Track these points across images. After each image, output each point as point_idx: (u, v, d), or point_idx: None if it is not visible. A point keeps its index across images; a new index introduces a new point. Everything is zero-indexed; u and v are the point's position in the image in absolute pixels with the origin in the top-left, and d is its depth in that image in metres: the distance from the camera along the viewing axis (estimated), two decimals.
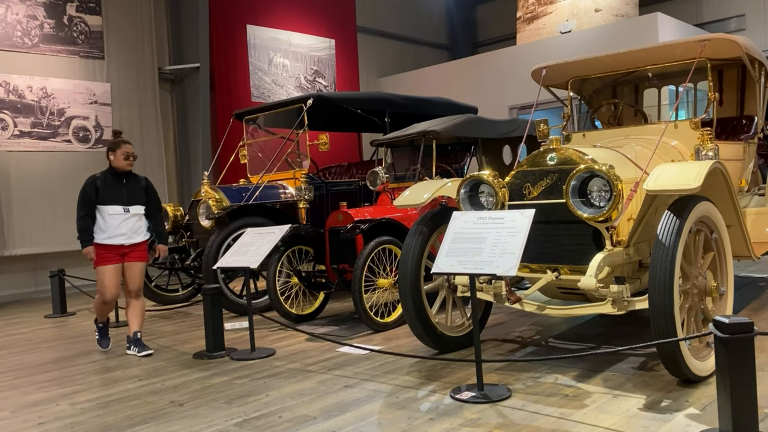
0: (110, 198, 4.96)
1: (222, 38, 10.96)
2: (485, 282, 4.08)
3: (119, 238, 4.97)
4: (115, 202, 4.97)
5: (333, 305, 6.66)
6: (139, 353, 5.00)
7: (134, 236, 5.05)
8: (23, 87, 9.19)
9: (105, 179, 5.01)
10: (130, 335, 5.10)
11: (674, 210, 3.40)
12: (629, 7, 11.76)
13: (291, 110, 7.14)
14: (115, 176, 5.05)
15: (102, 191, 4.95)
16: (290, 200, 6.85)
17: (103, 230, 4.94)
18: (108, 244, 4.95)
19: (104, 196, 4.95)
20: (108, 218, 4.93)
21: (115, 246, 4.97)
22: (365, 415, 3.32)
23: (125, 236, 5.00)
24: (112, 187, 4.99)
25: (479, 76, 12.33)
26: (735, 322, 2.58)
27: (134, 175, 5.16)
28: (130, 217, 5.02)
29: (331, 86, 12.73)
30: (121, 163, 5.02)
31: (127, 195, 5.04)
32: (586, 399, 3.35)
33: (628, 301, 3.61)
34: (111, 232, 4.94)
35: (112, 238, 4.95)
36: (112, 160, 5.04)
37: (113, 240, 4.96)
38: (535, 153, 4.02)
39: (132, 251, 5.05)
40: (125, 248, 5.02)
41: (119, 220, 4.96)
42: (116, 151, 5.02)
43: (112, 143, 5.06)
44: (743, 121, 5.46)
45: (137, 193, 5.10)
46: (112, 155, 5.03)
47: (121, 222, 4.96)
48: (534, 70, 5.34)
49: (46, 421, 3.59)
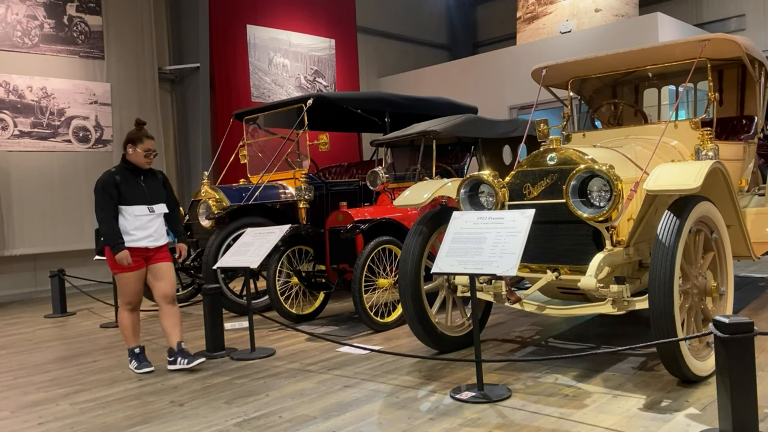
0: (133, 197, 4.40)
1: (222, 38, 10.96)
2: (485, 282, 4.08)
3: (145, 241, 4.42)
4: (139, 201, 4.42)
5: (333, 305, 6.66)
6: (189, 364, 4.41)
7: (160, 238, 4.52)
8: (23, 87, 9.19)
9: (123, 175, 4.41)
10: (173, 347, 4.50)
11: (674, 210, 3.40)
12: (629, 7, 11.76)
13: (291, 110, 7.14)
14: (132, 171, 4.47)
15: (123, 189, 4.37)
16: (290, 200, 6.86)
17: (127, 232, 4.37)
18: (133, 247, 4.38)
19: (127, 194, 4.38)
20: (133, 219, 4.38)
21: (140, 249, 4.41)
22: (365, 415, 3.32)
23: (152, 238, 4.45)
24: (132, 185, 4.42)
25: (479, 76, 12.33)
26: (735, 322, 2.58)
27: (150, 169, 4.61)
28: (156, 217, 4.49)
29: (331, 86, 12.73)
30: (140, 159, 4.45)
31: (149, 193, 4.50)
32: (586, 399, 3.35)
33: (628, 301, 3.61)
34: (137, 234, 4.39)
35: (137, 240, 4.39)
36: (130, 154, 4.44)
37: (139, 243, 4.40)
38: (535, 153, 4.02)
39: (156, 253, 4.51)
40: (150, 252, 4.47)
41: (144, 221, 4.41)
42: (137, 145, 4.42)
43: (135, 136, 4.44)
44: (743, 121, 5.46)
45: (158, 190, 4.57)
46: (131, 148, 4.43)
47: (146, 223, 4.42)
48: (534, 70, 5.34)
49: (46, 421, 3.59)
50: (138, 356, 4.55)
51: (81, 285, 7.72)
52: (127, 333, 4.56)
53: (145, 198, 4.46)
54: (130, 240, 4.36)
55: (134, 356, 4.56)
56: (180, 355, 4.45)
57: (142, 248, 4.43)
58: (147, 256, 4.48)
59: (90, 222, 9.66)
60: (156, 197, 4.53)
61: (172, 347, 4.51)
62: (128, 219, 4.38)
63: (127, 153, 4.45)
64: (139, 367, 4.50)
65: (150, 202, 4.48)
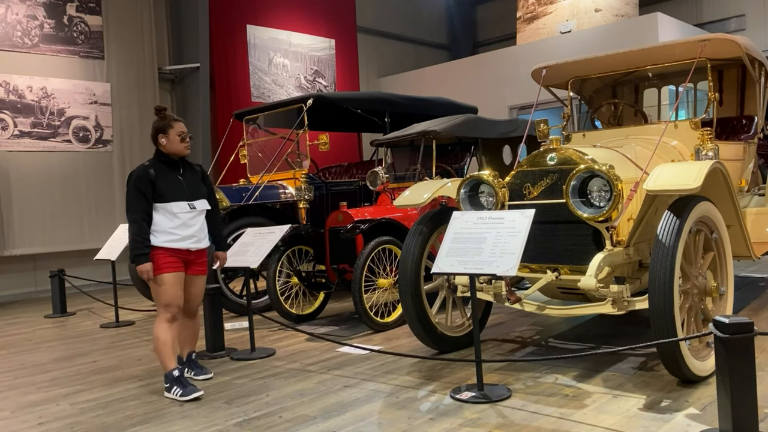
0: (172, 192, 3.89)
1: (222, 38, 10.96)
2: (485, 282, 4.08)
3: (187, 242, 3.91)
4: (178, 197, 3.90)
5: (333, 305, 6.66)
6: (197, 377, 4.12)
7: (202, 240, 4.02)
8: (23, 87, 9.18)
9: (159, 169, 3.91)
10: (183, 356, 4.15)
11: (674, 210, 3.40)
12: (629, 7, 11.76)
13: (291, 110, 7.14)
14: (168, 165, 3.96)
15: (160, 184, 3.86)
16: (290, 200, 6.86)
17: (167, 231, 3.85)
18: (173, 248, 3.86)
19: (163, 190, 3.86)
20: (172, 217, 3.87)
21: (181, 251, 3.90)
22: (365, 415, 3.32)
23: (194, 239, 3.94)
24: (169, 179, 3.92)
25: (479, 76, 12.33)
26: (735, 322, 2.58)
27: (188, 161, 4.11)
28: (197, 215, 3.99)
29: (331, 86, 12.73)
30: (177, 146, 3.95)
31: (189, 188, 3.99)
32: (586, 399, 3.35)
33: (628, 301, 3.61)
34: (178, 234, 3.87)
35: (178, 241, 3.87)
36: (164, 144, 3.94)
37: (180, 243, 3.88)
38: (535, 153, 4.02)
39: (196, 260, 4.02)
40: (191, 255, 3.97)
41: (185, 219, 3.91)
42: (168, 132, 3.93)
43: (161, 123, 3.96)
44: (743, 121, 5.46)
45: (197, 185, 4.06)
46: (163, 138, 3.93)
47: (187, 221, 3.92)
48: (534, 70, 5.35)
49: (46, 421, 3.59)
50: (180, 381, 3.83)
51: (81, 285, 7.72)
52: (166, 351, 3.84)
53: (184, 193, 3.94)
54: (169, 240, 3.85)
55: (176, 382, 3.82)
56: (189, 367, 4.12)
57: (184, 250, 3.91)
58: (188, 260, 3.97)
59: (90, 222, 9.69)
60: (196, 193, 4.02)
61: (180, 356, 4.09)
62: (167, 217, 3.86)
63: (161, 145, 3.94)
64: (185, 394, 3.76)
65: (190, 198, 3.96)
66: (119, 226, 7.02)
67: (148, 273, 3.78)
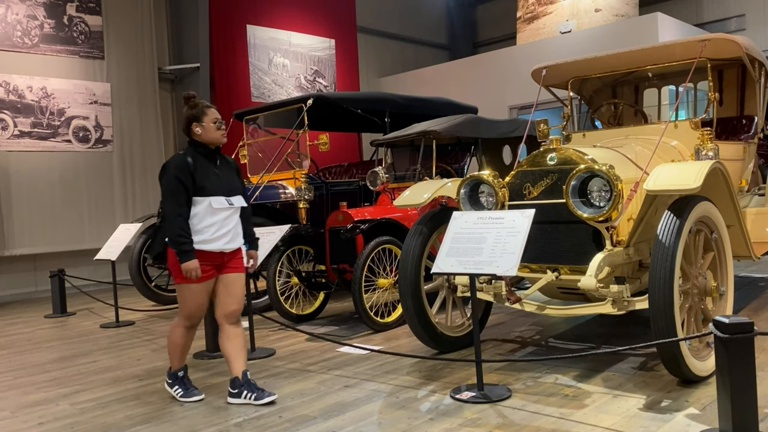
0: (211, 186, 3.54)
1: (222, 38, 10.95)
2: (485, 282, 4.09)
3: (221, 242, 3.55)
4: (217, 191, 3.56)
5: (333, 305, 6.66)
6: (258, 401, 3.56)
7: (237, 239, 3.67)
8: (23, 87, 9.18)
9: (196, 160, 3.54)
10: (238, 377, 3.63)
11: (674, 210, 3.40)
12: (629, 7, 11.76)
13: (291, 110, 7.13)
14: (205, 156, 3.61)
15: (199, 176, 3.50)
16: (290, 200, 6.85)
17: (197, 231, 3.49)
18: (205, 250, 3.52)
19: (203, 182, 3.50)
20: (210, 215, 3.52)
21: (214, 254, 3.56)
22: (365, 415, 3.32)
23: (227, 239, 3.58)
24: (207, 171, 3.56)
25: (479, 76, 12.33)
26: (735, 322, 2.58)
27: (222, 154, 3.73)
28: (234, 212, 3.64)
29: (331, 86, 12.73)
30: (214, 134, 3.60)
31: (226, 182, 3.64)
32: (586, 399, 3.35)
33: (628, 301, 3.61)
34: (211, 234, 3.51)
35: (211, 242, 3.52)
36: (199, 134, 3.58)
37: (213, 245, 3.53)
38: (535, 153, 4.02)
39: (230, 260, 3.66)
40: (224, 257, 3.63)
41: (222, 216, 3.56)
42: (203, 119, 3.59)
43: (195, 112, 3.61)
44: (743, 121, 5.46)
45: (233, 179, 3.71)
46: (198, 127, 3.58)
47: (224, 220, 3.57)
48: (534, 70, 5.35)
49: (46, 421, 3.59)
50: (183, 381, 3.79)
51: (81, 285, 7.72)
52: (176, 352, 3.76)
53: (221, 187, 3.58)
54: (203, 240, 3.49)
55: (178, 381, 3.79)
56: (247, 388, 3.61)
57: (216, 252, 3.57)
58: (220, 263, 3.62)
59: (90, 222, 9.68)
60: (232, 188, 3.66)
61: (236, 377, 3.64)
62: (204, 214, 3.51)
63: (195, 134, 3.59)
64: (186, 395, 3.73)
65: (227, 193, 3.60)
66: (119, 226, 7.03)
67: (196, 270, 3.44)
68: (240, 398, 3.62)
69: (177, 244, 3.43)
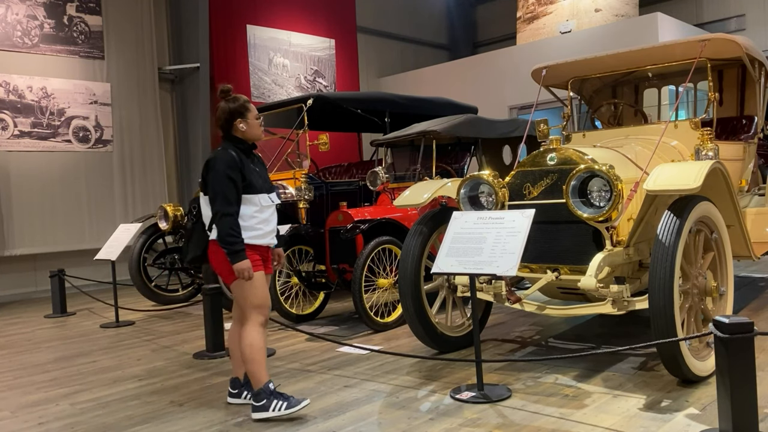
0: (258, 183, 3.46)
1: (222, 38, 10.95)
2: (485, 282, 4.08)
3: (268, 238, 3.50)
4: (262, 188, 3.48)
5: (333, 305, 6.66)
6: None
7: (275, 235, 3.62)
8: (23, 87, 9.18)
9: (240, 157, 3.44)
10: (239, 377, 3.67)
11: (674, 210, 3.40)
12: (629, 7, 11.76)
13: (291, 110, 7.13)
14: (246, 153, 3.50)
15: (247, 173, 3.41)
16: (290, 200, 6.85)
17: (252, 227, 3.41)
18: (258, 244, 3.45)
19: (252, 180, 3.42)
20: (260, 211, 3.44)
21: (262, 247, 3.49)
22: (365, 415, 3.32)
23: (273, 235, 3.54)
24: (250, 168, 3.47)
25: (479, 76, 12.33)
26: (735, 322, 2.59)
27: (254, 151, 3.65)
28: (275, 208, 3.59)
29: (331, 86, 12.72)
30: (258, 130, 3.54)
31: (265, 178, 3.58)
32: (586, 399, 3.35)
33: (628, 301, 3.61)
34: (264, 228, 3.45)
35: (262, 237, 3.45)
36: (244, 130, 3.47)
37: (263, 240, 3.47)
38: (535, 153, 4.02)
39: (269, 258, 3.60)
40: (267, 252, 3.57)
41: (269, 213, 3.51)
42: (247, 116, 3.47)
43: (237, 105, 3.48)
44: (743, 121, 5.46)
45: (267, 175, 3.64)
46: (242, 123, 3.46)
47: (270, 216, 3.51)
48: (534, 70, 5.35)
49: (46, 421, 3.59)
50: (280, 393, 3.41)
51: (81, 285, 7.71)
52: (261, 358, 3.40)
53: (264, 184, 3.51)
54: (254, 236, 3.41)
55: (276, 395, 3.38)
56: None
57: (264, 246, 3.50)
58: (265, 258, 3.53)
59: (90, 222, 9.68)
60: (270, 184, 3.60)
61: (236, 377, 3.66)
62: (255, 210, 3.42)
63: (238, 130, 3.47)
64: (292, 405, 3.35)
65: (268, 190, 3.54)
66: (119, 226, 7.02)
67: (249, 271, 3.32)
68: (240, 398, 3.63)
69: (229, 244, 3.29)
